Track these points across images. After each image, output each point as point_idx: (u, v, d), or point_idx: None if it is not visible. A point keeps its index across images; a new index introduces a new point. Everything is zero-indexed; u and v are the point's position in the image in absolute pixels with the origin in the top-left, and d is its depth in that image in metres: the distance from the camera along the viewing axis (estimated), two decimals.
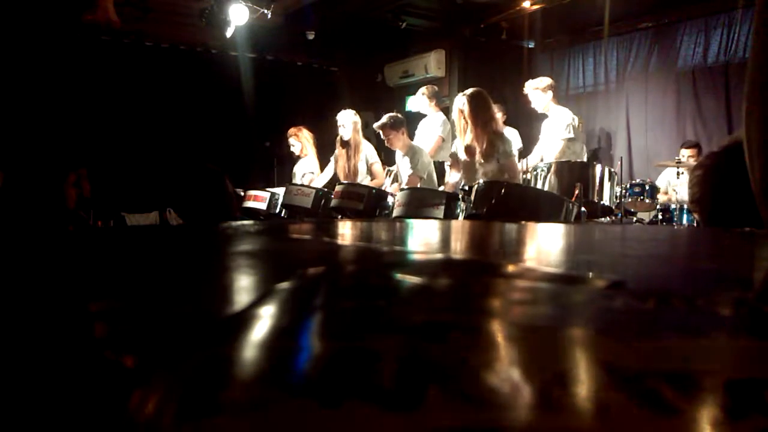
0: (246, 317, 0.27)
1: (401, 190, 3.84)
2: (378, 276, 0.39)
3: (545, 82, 4.62)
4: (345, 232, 0.77)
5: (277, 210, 4.69)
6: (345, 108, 4.81)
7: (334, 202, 4.03)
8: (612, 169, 3.63)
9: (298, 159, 5.45)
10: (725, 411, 0.17)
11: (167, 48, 6.67)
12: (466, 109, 3.53)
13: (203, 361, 0.21)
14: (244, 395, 0.18)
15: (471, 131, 3.53)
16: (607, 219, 3.83)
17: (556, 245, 0.73)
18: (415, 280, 0.38)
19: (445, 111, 5.15)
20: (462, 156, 3.64)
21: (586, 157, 4.80)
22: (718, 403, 0.18)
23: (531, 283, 0.38)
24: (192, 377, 0.19)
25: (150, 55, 6.46)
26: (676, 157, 4.54)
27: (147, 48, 6.48)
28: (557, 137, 4.49)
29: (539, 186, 3.51)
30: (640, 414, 0.16)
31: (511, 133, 5.29)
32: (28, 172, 2.12)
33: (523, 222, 1.28)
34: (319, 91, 7.28)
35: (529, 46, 6.71)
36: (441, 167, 4.65)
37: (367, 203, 3.85)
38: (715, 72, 5.32)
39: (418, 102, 5.22)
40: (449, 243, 0.71)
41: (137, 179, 5.25)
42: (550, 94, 4.61)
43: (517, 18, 6.14)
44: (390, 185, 4.68)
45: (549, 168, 3.58)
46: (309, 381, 0.19)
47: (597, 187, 3.49)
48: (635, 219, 4.61)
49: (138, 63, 6.18)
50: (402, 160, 4.44)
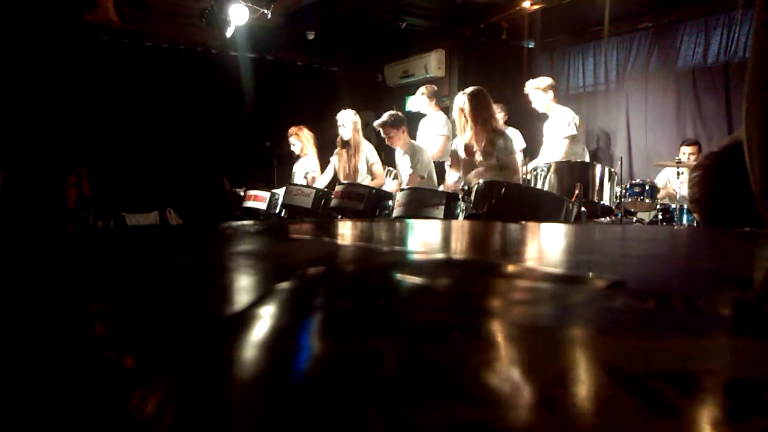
0: (246, 317, 0.27)
1: (401, 190, 3.84)
2: (378, 276, 0.39)
3: (546, 81, 4.62)
4: (345, 232, 0.77)
5: (277, 210, 4.70)
6: (345, 108, 4.81)
7: (334, 202, 4.03)
8: (612, 169, 3.63)
9: (297, 159, 5.45)
10: (725, 411, 0.17)
11: (167, 48, 6.67)
12: (466, 107, 3.54)
13: (203, 361, 0.21)
14: (244, 395, 0.18)
15: (471, 129, 3.55)
16: (607, 219, 3.83)
17: (556, 245, 0.73)
18: (415, 280, 0.38)
19: (445, 111, 5.15)
20: (462, 154, 3.65)
21: (587, 158, 4.80)
22: (718, 403, 0.18)
23: (531, 283, 0.38)
24: (192, 377, 0.19)
25: (150, 55, 6.47)
26: (676, 157, 4.54)
27: (147, 48, 6.48)
28: (559, 136, 4.49)
29: (539, 186, 3.51)
30: (640, 414, 0.16)
31: (513, 133, 5.29)
32: (28, 172, 2.12)
33: (523, 222, 1.28)
34: (319, 91, 7.29)
35: (529, 46, 6.71)
36: (441, 167, 4.65)
37: (367, 203, 3.85)
38: (715, 72, 5.32)
39: (418, 102, 5.22)
40: (449, 243, 0.71)
41: (137, 179, 5.25)
42: (551, 94, 4.61)
43: (517, 18, 6.14)
44: (389, 182, 4.68)
45: (549, 168, 3.58)
46: (309, 381, 0.19)
47: (597, 187, 3.49)
48: (635, 219, 4.61)
49: (138, 63, 6.18)
50: (402, 158, 4.45)
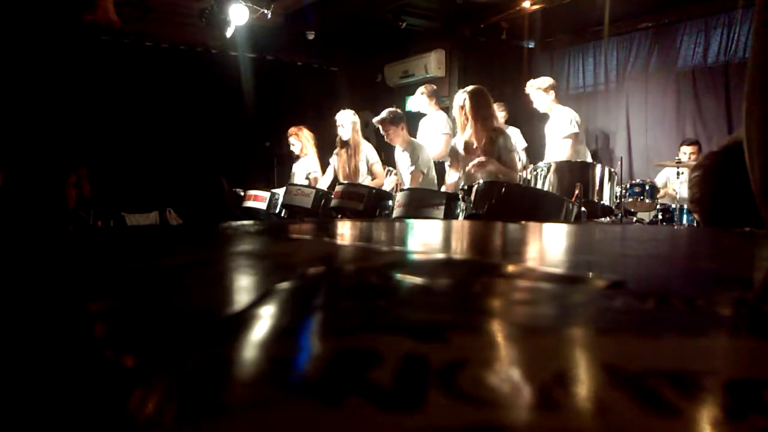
0: (246, 317, 0.27)
1: (401, 190, 3.84)
2: (378, 276, 0.39)
3: (547, 82, 4.62)
4: (345, 232, 0.77)
5: (277, 210, 4.70)
6: (345, 108, 4.81)
7: (334, 202, 4.03)
8: (612, 169, 3.63)
9: (297, 159, 5.45)
10: (725, 411, 0.17)
11: (167, 48, 6.67)
12: (467, 105, 3.54)
13: (203, 361, 0.21)
14: (244, 395, 0.18)
15: (471, 127, 3.55)
16: (607, 219, 3.83)
17: (556, 245, 0.73)
18: (415, 280, 0.38)
19: (445, 110, 5.15)
20: (462, 152, 3.66)
21: (589, 157, 4.79)
22: (718, 403, 0.18)
23: (531, 283, 0.38)
24: (192, 377, 0.19)
25: (150, 55, 6.47)
26: (675, 157, 4.54)
27: (147, 48, 6.48)
28: (562, 135, 4.49)
29: (539, 186, 3.51)
30: (640, 414, 0.16)
31: (514, 133, 5.29)
32: (28, 172, 2.12)
33: (523, 222, 1.28)
34: (319, 91, 7.29)
35: (529, 46, 6.71)
36: (441, 167, 4.65)
37: (367, 203, 3.85)
38: (715, 72, 5.32)
39: (418, 102, 5.22)
40: (449, 243, 0.71)
41: (137, 179, 5.26)
42: (552, 94, 4.61)
43: (517, 18, 6.14)
44: (387, 178, 4.68)
45: (549, 168, 3.58)
46: (309, 381, 0.19)
47: (597, 187, 3.49)
48: (635, 219, 4.61)
49: (138, 63, 6.18)
50: (401, 155, 4.45)
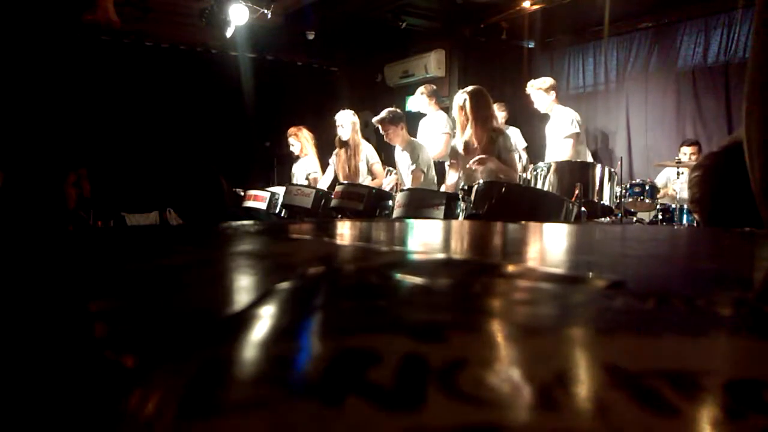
0: (246, 317, 0.27)
1: (401, 190, 3.84)
2: (378, 276, 0.39)
3: (548, 82, 4.62)
4: (345, 232, 0.77)
5: (277, 210, 4.70)
6: (345, 108, 4.82)
7: (334, 202, 4.03)
8: (612, 169, 3.64)
9: (297, 159, 5.45)
10: (725, 411, 0.17)
11: (167, 48, 6.68)
12: (467, 106, 3.55)
13: (203, 361, 0.21)
14: (244, 395, 0.18)
15: (471, 127, 3.56)
16: (607, 219, 3.83)
17: (556, 245, 0.73)
18: (415, 280, 0.38)
19: (446, 110, 5.15)
20: (462, 153, 3.66)
21: (589, 157, 4.80)
22: (718, 403, 0.18)
23: (531, 283, 0.38)
24: (192, 377, 0.19)
25: (150, 55, 6.47)
26: (676, 157, 4.54)
27: (147, 48, 6.49)
28: (563, 135, 4.49)
29: (539, 186, 3.51)
30: (640, 414, 0.16)
31: (514, 133, 5.29)
32: (28, 172, 2.12)
33: (523, 222, 1.28)
34: (319, 91, 7.29)
35: (529, 46, 6.71)
36: (441, 167, 4.65)
37: (367, 203, 3.86)
38: (715, 72, 5.33)
39: (417, 102, 5.23)
40: (449, 243, 0.71)
41: (137, 179, 5.26)
42: (552, 94, 4.61)
43: (517, 18, 6.14)
44: (387, 179, 4.69)
45: (549, 168, 3.58)
46: (309, 381, 0.19)
47: (597, 187, 3.49)
48: (635, 219, 4.61)
49: (138, 63, 6.18)
50: (401, 155, 4.45)
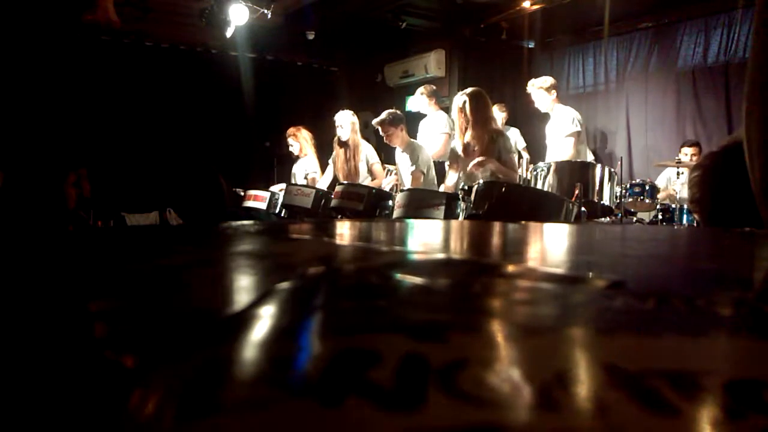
0: (246, 317, 0.27)
1: (401, 191, 3.85)
2: (378, 276, 0.39)
3: (549, 81, 4.62)
4: (344, 232, 0.77)
5: (277, 210, 4.70)
6: (345, 108, 4.82)
7: (333, 202, 4.03)
8: (612, 169, 3.64)
9: (297, 159, 5.45)
10: (725, 411, 0.17)
11: (167, 48, 6.68)
12: (467, 107, 3.56)
13: (203, 361, 0.21)
14: (244, 395, 0.18)
15: (471, 129, 3.56)
16: (607, 219, 3.83)
17: (556, 245, 0.73)
18: (415, 280, 0.38)
19: (445, 110, 5.16)
20: (461, 154, 3.67)
21: (590, 157, 4.80)
22: (718, 403, 0.18)
23: (531, 283, 0.38)
24: (192, 377, 0.19)
25: (150, 55, 6.47)
26: (676, 157, 4.54)
27: (147, 48, 6.49)
28: (564, 134, 4.49)
29: (539, 186, 3.52)
30: (640, 414, 0.16)
31: (514, 133, 5.30)
32: (28, 172, 2.12)
33: (523, 222, 1.28)
34: (319, 91, 7.29)
35: (529, 46, 6.71)
36: (441, 167, 4.65)
37: (367, 203, 3.86)
38: (715, 72, 5.33)
39: (417, 102, 5.23)
40: (449, 243, 0.71)
41: (137, 179, 5.25)
42: (553, 93, 4.61)
43: (517, 18, 6.14)
44: (386, 179, 4.69)
45: (549, 168, 3.58)
46: (309, 381, 0.19)
47: (597, 187, 3.50)
48: (635, 219, 4.61)
49: (138, 63, 6.18)
50: (401, 156, 4.45)
